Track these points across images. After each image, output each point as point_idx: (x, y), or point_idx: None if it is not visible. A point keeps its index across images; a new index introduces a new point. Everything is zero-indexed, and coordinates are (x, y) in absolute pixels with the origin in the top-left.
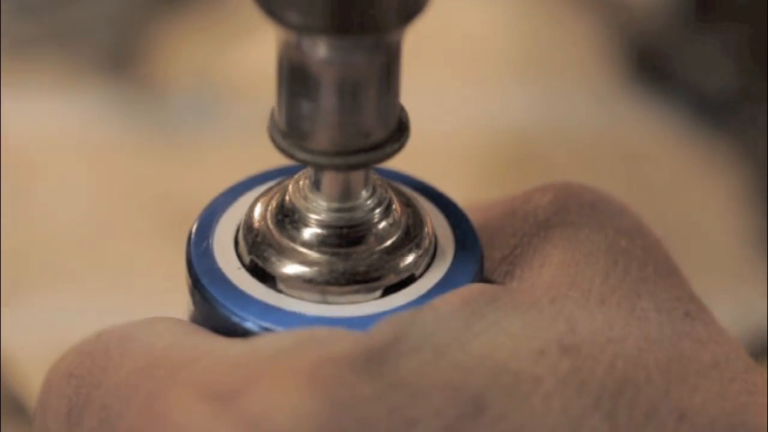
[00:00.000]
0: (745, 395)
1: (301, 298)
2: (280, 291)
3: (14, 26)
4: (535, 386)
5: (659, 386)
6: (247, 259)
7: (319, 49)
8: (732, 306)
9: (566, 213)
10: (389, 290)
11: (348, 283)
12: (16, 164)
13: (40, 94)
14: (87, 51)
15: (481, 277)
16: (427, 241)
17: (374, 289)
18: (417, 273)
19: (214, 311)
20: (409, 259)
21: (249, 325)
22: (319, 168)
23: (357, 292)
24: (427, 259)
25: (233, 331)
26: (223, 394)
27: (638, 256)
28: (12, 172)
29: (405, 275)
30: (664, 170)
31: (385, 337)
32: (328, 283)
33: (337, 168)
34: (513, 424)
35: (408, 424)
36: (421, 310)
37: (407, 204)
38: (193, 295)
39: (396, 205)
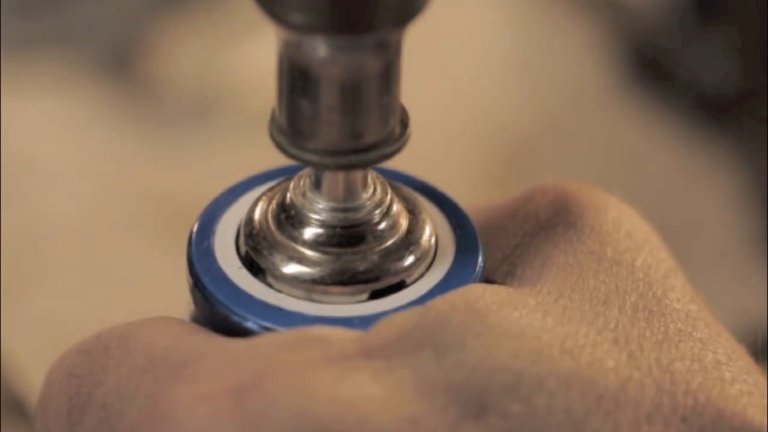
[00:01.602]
0: (747, 396)
1: (301, 298)
2: (279, 291)
3: (14, 26)
4: (537, 386)
5: (661, 387)
6: (247, 258)
7: (319, 49)
8: (732, 306)
9: (567, 213)
10: (389, 290)
11: (347, 283)
12: (16, 164)
13: (40, 94)
14: (87, 51)
15: (482, 278)
16: (427, 242)
17: (374, 289)
18: (417, 273)
19: (214, 310)
20: (410, 259)
21: (249, 324)
22: (318, 167)
23: (356, 292)
24: (427, 260)
25: (233, 330)
26: (225, 393)
27: (640, 256)
28: (12, 172)
29: (405, 275)
30: (664, 170)
31: (387, 337)
32: (327, 282)
33: (336, 168)
34: (515, 424)
35: (410, 423)
36: (423, 310)
37: (408, 205)
38: (193, 294)
39: (396, 206)
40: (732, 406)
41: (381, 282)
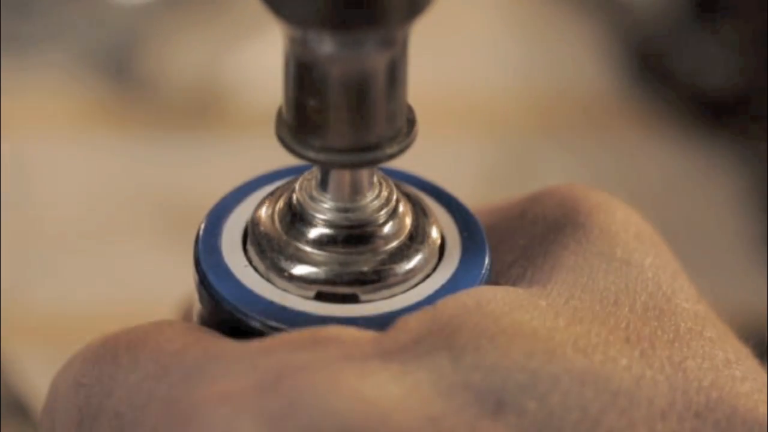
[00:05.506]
0: (757, 393)
1: (307, 297)
2: (285, 290)
3: (14, 26)
4: (552, 384)
5: (674, 384)
6: (253, 257)
7: (325, 45)
8: (732, 306)
9: (575, 215)
10: (395, 291)
11: (353, 283)
12: (16, 164)
13: (39, 94)
14: (87, 51)
15: (489, 279)
16: (433, 243)
17: (380, 290)
18: (423, 274)
19: (219, 308)
20: (416, 259)
21: (254, 323)
22: (325, 166)
23: (362, 292)
24: (434, 261)
25: (238, 328)
26: (246, 393)
27: (648, 257)
28: (12, 172)
29: (411, 276)
30: (664, 171)
31: (402, 341)
32: (332, 282)
33: (342, 166)
34: (532, 421)
35: (430, 421)
36: (435, 313)
37: (414, 205)
38: (199, 291)
39: (403, 206)
40: (744, 402)
41: (386, 282)
